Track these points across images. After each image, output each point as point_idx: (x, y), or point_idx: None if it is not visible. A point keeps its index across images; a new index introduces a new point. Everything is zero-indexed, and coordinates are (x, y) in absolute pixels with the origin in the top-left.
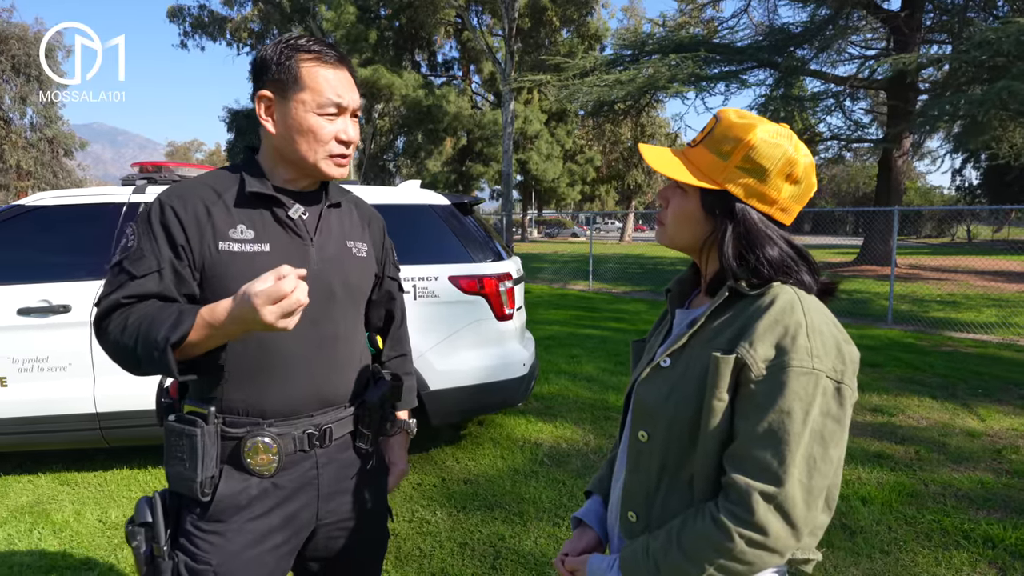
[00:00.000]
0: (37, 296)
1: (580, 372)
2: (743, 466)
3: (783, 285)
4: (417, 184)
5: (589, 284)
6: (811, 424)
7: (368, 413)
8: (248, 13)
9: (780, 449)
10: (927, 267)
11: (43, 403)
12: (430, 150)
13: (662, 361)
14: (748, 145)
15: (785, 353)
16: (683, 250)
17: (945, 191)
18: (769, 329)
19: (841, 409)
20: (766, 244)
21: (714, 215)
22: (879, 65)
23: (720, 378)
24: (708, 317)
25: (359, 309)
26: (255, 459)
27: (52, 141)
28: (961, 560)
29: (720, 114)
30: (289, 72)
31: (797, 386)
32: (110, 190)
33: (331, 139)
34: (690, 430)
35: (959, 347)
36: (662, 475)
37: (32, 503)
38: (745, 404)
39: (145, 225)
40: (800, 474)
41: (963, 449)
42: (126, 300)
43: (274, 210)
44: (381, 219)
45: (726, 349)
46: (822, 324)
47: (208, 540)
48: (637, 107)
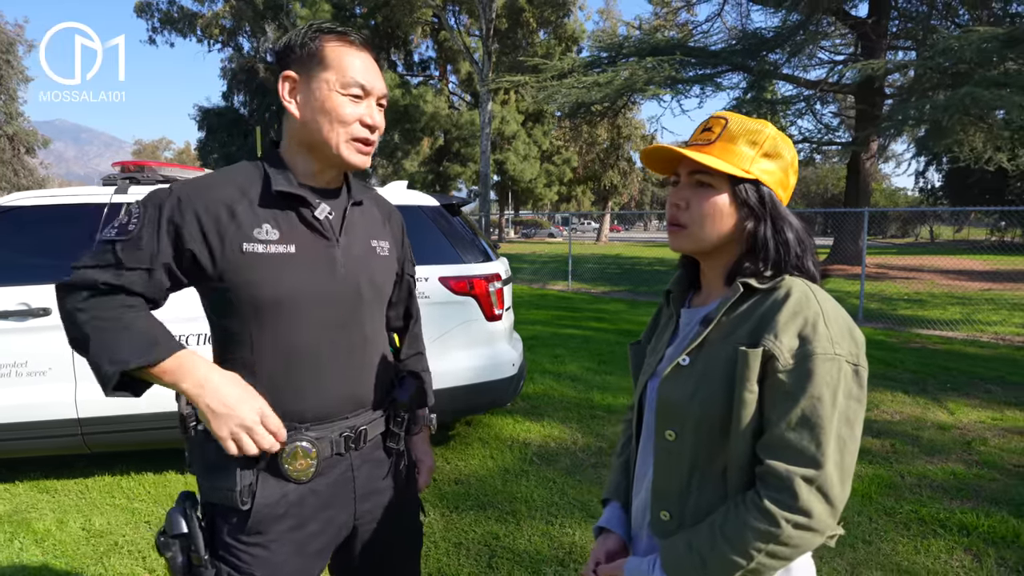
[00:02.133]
0: (15, 299)
1: (564, 371)
2: (781, 453)
3: (792, 278)
4: (404, 185)
5: (569, 284)
6: (839, 407)
7: (398, 412)
8: (219, 9)
9: (816, 433)
10: (894, 266)
11: (22, 408)
12: (407, 150)
13: (682, 360)
14: (771, 136)
15: (809, 342)
16: (705, 250)
17: (909, 193)
18: (790, 320)
19: (861, 390)
20: (788, 229)
21: (746, 206)
22: (848, 70)
23: (750, 371)
24: (723, 313)
25: (383, 309)
26: (293, 464)
27: (13, 138)
28: (939, 548)
29: (725, 116)
30: (313, 52)
31: (823, 372)
32: (91, 190)
33: (355, 121)
34: (720, 424)
35: (927, 344)
36: (693, 471)
37: (11, 512)
38: (775, 394)
39: (155, 213)
40: (834, 455)
41: (935, 442)
42: (104, 285)
43: (300, 210)
44: (400, 216)
45: (749, 343)
46: (834, 312)
47: (251, 552)
48: (614, 109)
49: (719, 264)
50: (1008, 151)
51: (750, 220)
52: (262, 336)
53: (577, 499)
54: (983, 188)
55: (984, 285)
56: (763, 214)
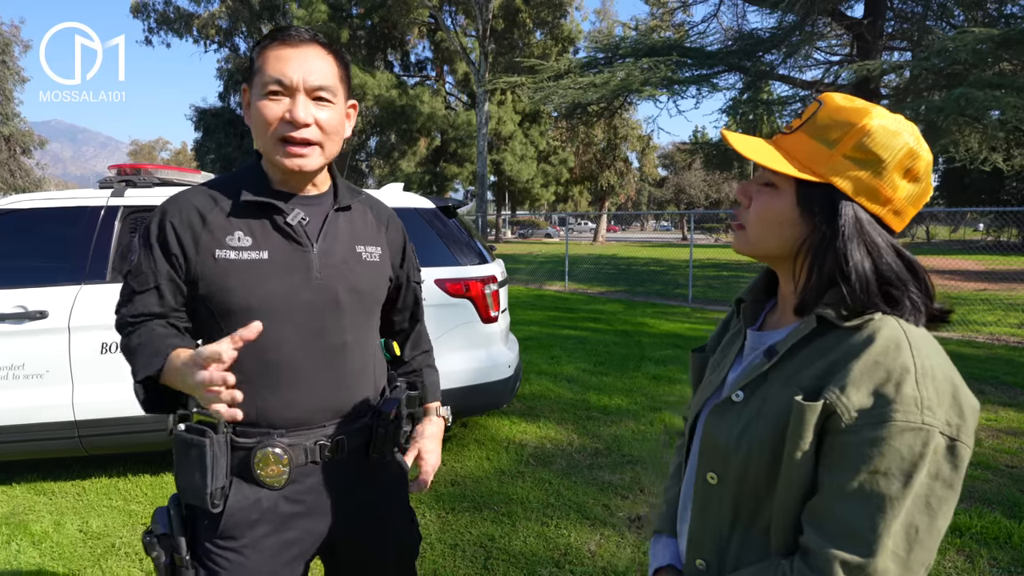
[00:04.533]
0: (12, 302)
1: (561, 372)
2: (824, 527)
3: (885, 317)
4: (400, 187)
5: (565, 285)
6: (915, 488)
7: (382, 424)
8: (216, 10)
9: (873, 515)
10: None
11: (19, 411)
12: (404, 150)
13: (734, 395)
14: (863, 131)
15: (887, 403)
16: (766, 259)
17: None
18: (868, 373)
19: (955, 471)
20: (872, 253)
21: (812, 214)
22: (844, 71)
23: (804, 427)
24: (791, 347)
25: (370, 316)
26: (265, 470)
27: (9, 139)
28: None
29: (824, 98)
30: (254, 61)
31: (900, 444)
32: (88, 193)
33: (275, 121)
34: (767, 475)
35: None
36: (735, 523)
37: (8, 514)
38: (833, 457)
39: (143, 239)
40: (896, 546)
41: None
42: (132, 320)
43: (273, 216)
44: (400, 222)
45: (810, 391)
46: (935, 368)
47: (225, 557)
48: (611, 109)
49: (793, 282)
50: (1003, 151)
51: (816, 235)
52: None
53: (573, 500)
54: (979, 188)
55: (980, 285)
56: (829, 230)
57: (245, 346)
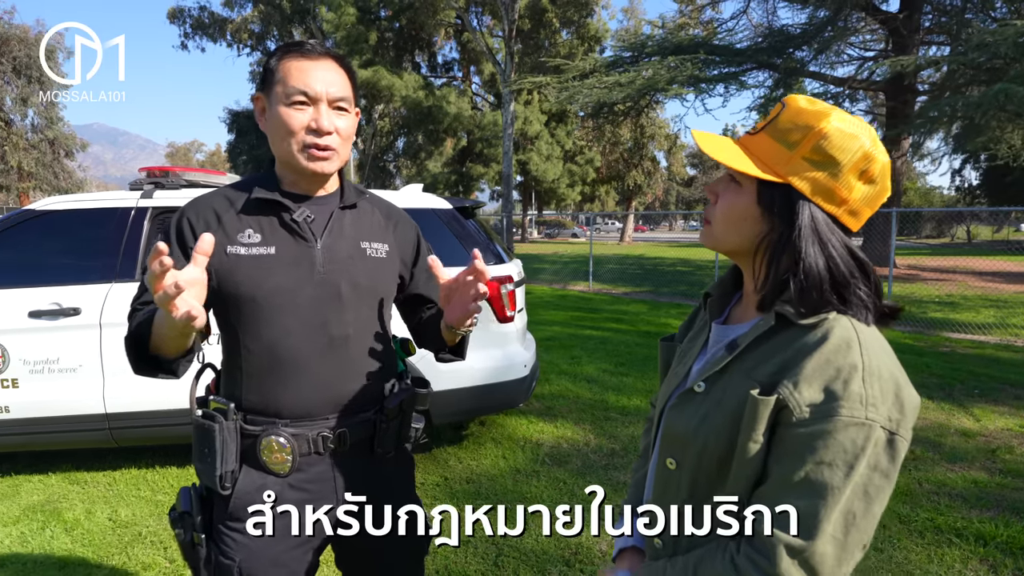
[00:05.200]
0: (48, 299)
1: (580, 373)
2: (771, 512)
3: (840, 316)
4: (419, 188)
5: (589, 285)
6: (855, 478)
7: (385, 419)
8: (248, 14)
9: (816, 502)
10: (926, 267)
11: (54, 404)
12: (430, 151)
13: (696, 386)
14: (820, 134)
15: (835, 399)
16: (730, 254)
17: (945, 191)
18: (819, 370)
19: (892, 463)
20: (825, 252)
21: (772, 213)
22: (878, 67)
23: (757, 420)
24: (751, 342)
25: (375, 311)
26: (270, 457)
27: (53, 142)
28: (953, 557)
29: (788, 100)
30: (272, 71)
31: (844, 437)
32: (118, 195)
33: (301, 129)
34: (720, 463)
35: (956, 348)
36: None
37: (43, 502)
38: (782, 448)
39: (164, 236)
40: (835, 531)
41: (958, 449)
42: (139, 305)
43: (280, 214)
44: (411, 220)
45: (766, 385)
46: (880, 366)
47: (232, 537)
48: (637, 108)
49: (754, 278)
50: None
51: (775, 232)
52: (247, 334)
53: (586, 500)
54: (1022, 187)
55: (1021, 287)
56: (786, 229)
57: (253, 338)
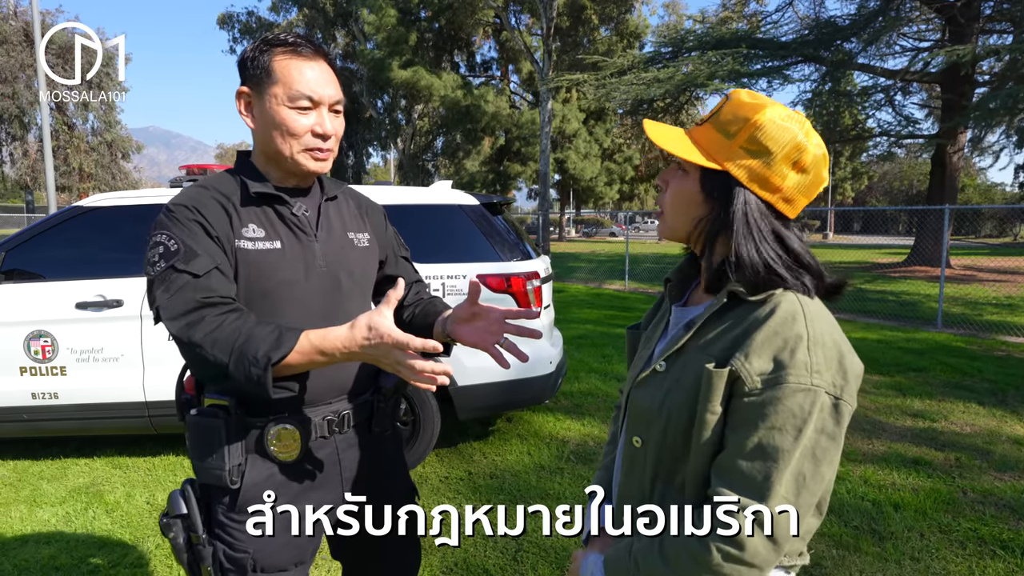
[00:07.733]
0: (93, 291)
1: (611, 371)
2: (728, 479)
3: (786, 292)
4: (448, 184)
5: (625, 284)
6: (804, 441)
7: (383, 398)
8: (293, 18)
9: (767, 465)
10: (984, 268)
11: (98, 391)
12: (468, 150)
13: (657, 366)
14: (755, 125)
15: (782, 368)
16: (682, 240)
17: (1007, 188)
18: (767, 341)
19: (837, 426)
20: (754, 235)
21: (712, 197)
22: (932, 56)
23: (713, 391)
24: (706, 321)
25: (366, 297)
26: (278, 446)
27: (111, 145)
28: (996, 570)
29: (731, 94)
30: (263, 67)
31: (792, 403)
32: (159, 191)
33: (306, 133)
34: (683, 437)
35: (1013, 352)
36: (655, 481)
37: (88, 484)
38: (737, 417)
39: (180, 227)
40: (787, 491)
41: (1008, 457)
42: (205, 299)
43: (278, 208)
44: (379, 207)
45: (720, 359)
46: (824, 335)
47: (242, 529)
48: (676, 105)
49: (707, 263)
50: None
51: (713, 214)
52: None
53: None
54: None
55: None
56: (724, 213)
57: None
